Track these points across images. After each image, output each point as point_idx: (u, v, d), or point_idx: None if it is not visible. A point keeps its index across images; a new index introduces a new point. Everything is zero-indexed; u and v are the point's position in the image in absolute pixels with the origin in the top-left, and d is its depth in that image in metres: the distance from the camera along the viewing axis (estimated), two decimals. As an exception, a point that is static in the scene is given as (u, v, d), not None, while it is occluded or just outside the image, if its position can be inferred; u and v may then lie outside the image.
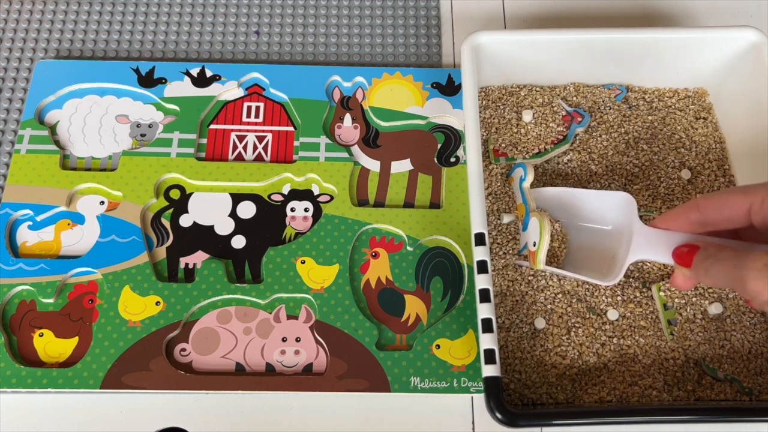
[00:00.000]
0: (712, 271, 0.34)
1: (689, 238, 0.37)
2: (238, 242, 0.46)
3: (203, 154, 0.49)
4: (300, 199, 0.48)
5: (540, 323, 0.43)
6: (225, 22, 0.56)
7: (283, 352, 0.43)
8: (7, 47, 0.54)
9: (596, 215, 0.43)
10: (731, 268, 0.32)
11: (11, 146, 0.50)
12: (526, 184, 0.44)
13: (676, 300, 0.43)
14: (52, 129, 0.50)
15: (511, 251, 0.45)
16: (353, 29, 0.56)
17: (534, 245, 0.40)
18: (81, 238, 0.46)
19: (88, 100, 0.51)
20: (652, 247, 0.38)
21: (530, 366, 0.42)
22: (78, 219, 0.47)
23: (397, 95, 0.51)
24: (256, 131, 0.50)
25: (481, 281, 0.40)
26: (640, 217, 0.41)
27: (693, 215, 0.37)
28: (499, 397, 0.38)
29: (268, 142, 0.50)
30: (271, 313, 0.44)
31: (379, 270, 0.46)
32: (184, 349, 0.43)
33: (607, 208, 0.42)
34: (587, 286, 0.44)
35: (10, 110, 0.51)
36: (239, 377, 0.42)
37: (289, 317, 0.44)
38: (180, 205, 0.47)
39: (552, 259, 0.41)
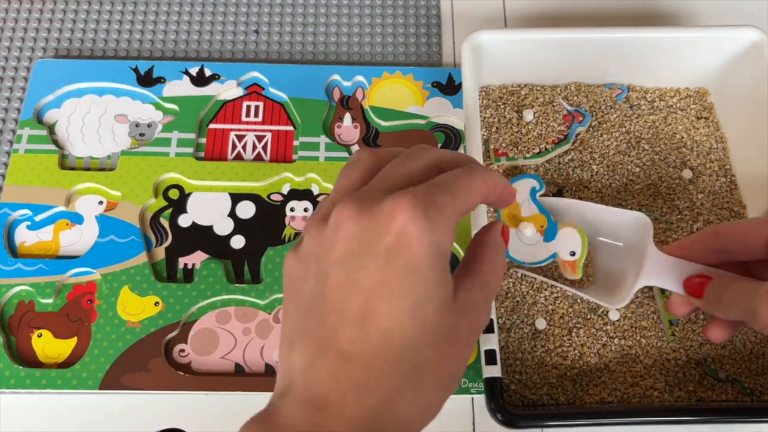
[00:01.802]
0: (724, 300, 0.33)
1: (701, 269, 0.36)
2: (238, 242, 0.46)
3: (202, 154, 0.49)
4: (299, 199, 0.47)
5: (541, 324, 0.43)
6: (224, 21, 0.55)
7: (282, 353, 0.43)
8: (6, 46, 0.54)
9: (609, 231, 0.42)
10: (743, 297, 0.32)
11: (10, 146, 0.49)
12: (542, 195, 0.43)
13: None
14: (51, 128, 0.49)
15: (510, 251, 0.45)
16: (353, 28, 0.55)
17: (572, 255, 0.40)
18: (80, 238, 0.46)
19: (86, 99, 0.51)
20: (663, 274, 0.37)
21: (531, 367, 0.42)
22: (77, 219, 0.46)
23: (397, 95, 0.51)
24: (255, 131, 0.50)
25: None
26: (654, 220, 0.41)
27: (711, 243, 0.35)
28: (500, 398, 0.37)
29: (267, 141, 0.50)
30: (270, 314, 0.44)
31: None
32: (183, 350, 0.43)
33: (622, 226, 0.41)
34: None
35: (8, 110, 0.51)
36: (238, 378, 0.41)
37: (288, 318, 0.44)
38: (179, 205, 0.47)
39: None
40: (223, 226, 0.47)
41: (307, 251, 0.26)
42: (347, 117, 0.51)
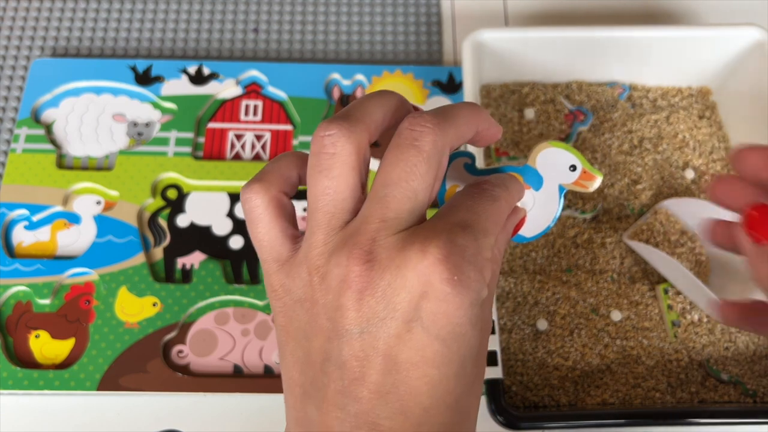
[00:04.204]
0: None
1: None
2: (236, 242, 0.46)
3: (201, 153, 0.49)
4: (299, 199, 0.47)
5: (542, 325, 0.42)
6: (223, 19, 0.55)
7: (281, 354, 0.42)
8: (3, 45, 0.53)
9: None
10: None
11: (7, 145, 0.49)
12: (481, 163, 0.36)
13: (680, 301, 0.43)
14: (48, 128, 0.49)
15: (511, 251, 0.44)
16: (353, 27, 0.55)
17: (573, 169, 0.29)
18: (77, 239, 0.46)
19: (84, 98, 0.50)
20: None
21: (532, 368, 0.41)
22: (74, 219, 0.46)
23: (397, 93, 0.51)
24: (254, 130, 0.50)
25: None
26: None
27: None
28: (501, 400, 0.37)
29: (266, 141, 0.49)
30: (269, 315, 0.44)
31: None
32: (181, 351, 0.42)
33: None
34: (590, 286, 0.43)
35: (6, 109, 0.51)
36: (237, 379, 0.41)
37: (287, 318, 0.43)
38: (177, 205, 0.47)
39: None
40: (221, 226, 0.46)
41: (306, 296, 0.23)
42: (347, 116, 0.50)
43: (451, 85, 0.51)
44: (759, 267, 0.25)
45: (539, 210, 0.29)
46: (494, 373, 0.38)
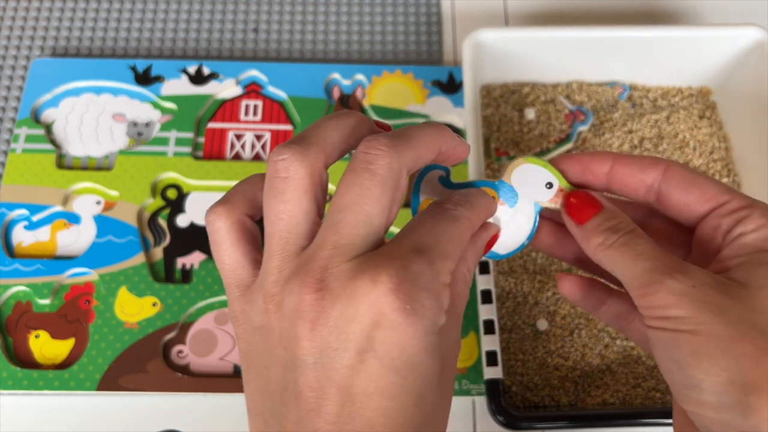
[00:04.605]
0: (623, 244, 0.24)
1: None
2: (237, 242, 0.46)
3: (201, 153, 0.49)
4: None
5: (542, 325, 0.42)
6: (223, 19, 0.55)
7: (281, 354, 0.42)
8: (3, 45, 0.53)
9: None
10: (647, 258, 0.23)
11: (7, 145, 0.49)
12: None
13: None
14: (48, 128, 0.49)
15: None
16: (353, 26, 0.55)
17: (550, 187, 0.28)
18: (77, 239, 0.46)
19: (84, 98, 0.50)
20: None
21: (532, 368, 0.41)
22: (74, 219, 0.46)
23: (397, 93, 0.51)
24: (254, 130, 0.50)
25: (483, 282, 0.39)
26: None
27: (605, 168, 0.27)
28: (501, 400, 0.37)
29: (266, 141, 0.49)
30: (269, 315, 0.44)
31: (379, 270, 0.45)
32: (181, 351, 0.42)
33: None
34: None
35: (5, 109, 0.51)
36: (237, 379, 0.41)
37: (287, 318, 0.43)
38: (177, 205, 0.47)
39: None
40: (221, 226, 0.46)
41: (263, 323, 0.22)
42: (347, 116, 0.50)
43: (451, 85, 0.51)
44: (585, 245, 0.26)
45: (514, 227, 0.28)
46: (494, 373, 0.38)
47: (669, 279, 0.22)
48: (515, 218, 0.28)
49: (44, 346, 0.42)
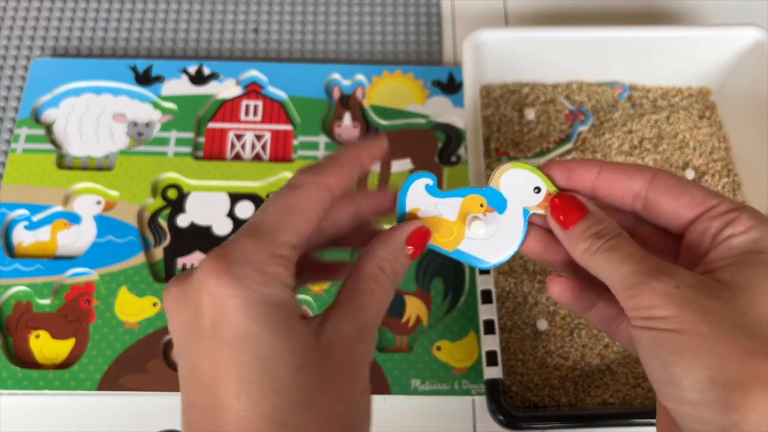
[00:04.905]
0: (608, 249, 0.24)
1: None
2: (237, 242, 0.46)
3: (201, 153, 0.49)
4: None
5: (542, 325, 0.42)
6: (223, 19, 0.55)
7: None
8: (3, 45, 0.53)
9: None
10: (630, 263, 0.23)
11: (7, 145, 0.49)
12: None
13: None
14: (49, 128, 0.49)
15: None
16: (353, 27, 0.55)
17: (538, 191, 0.27)
18: (77, 239, 0.46)
19: (84, 98, 0.50)
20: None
21: (532, 368, 0.41)
22: (74, 219, 0.46)
23: (397, 93, 0.51)
24: (254, 130, 0.50)
25: (483, 282, 0.39)
26: None
27: (592, 174, 0.26)
28: (501, 400, 0.37)
29: (266, 141, 0.49)
30: (269, 314, 0.44)
31: (379, 270, 0.45)
32: (181, 351, 0.42)
33: None
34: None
35: (6, 109, 0.51)
36: (237, 379, 0.41)
37: (288, 318, 0.43)
38: (177, 205, 0.47)
39: None
40: (221, 227, 0.46)
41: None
42: (347, 116, 0.50)
43: (451, 85, 0.51)
44: (572, 250, 0.26)
45: (504, 234, 0.28)
46: (494, 373, 0.38)
47: (653, 280, 0.22)
48: (504, 225, 0.28)
49: (44, 346, 0.42)
